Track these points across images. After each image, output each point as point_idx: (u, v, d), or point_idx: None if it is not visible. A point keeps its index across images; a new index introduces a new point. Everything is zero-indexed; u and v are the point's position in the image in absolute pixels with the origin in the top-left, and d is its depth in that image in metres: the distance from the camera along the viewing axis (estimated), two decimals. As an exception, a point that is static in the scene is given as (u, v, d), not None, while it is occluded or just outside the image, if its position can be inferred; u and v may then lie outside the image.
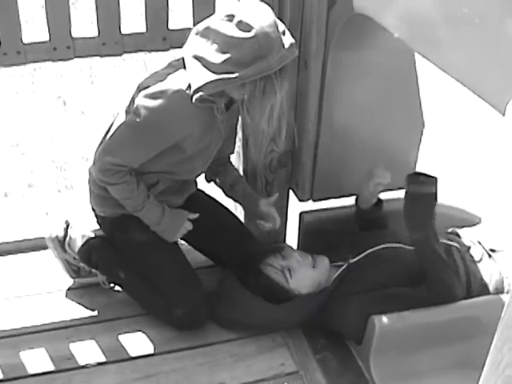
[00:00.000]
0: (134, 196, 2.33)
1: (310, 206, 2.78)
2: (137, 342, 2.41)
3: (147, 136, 2.24)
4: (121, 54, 2.49)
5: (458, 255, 2.49)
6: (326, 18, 2.33)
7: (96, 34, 2.41)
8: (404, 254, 2.45)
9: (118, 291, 2.59)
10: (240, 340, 2.43)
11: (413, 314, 2.31)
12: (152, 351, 2.39)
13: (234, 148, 2.61)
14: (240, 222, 2.69)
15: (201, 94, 2.10)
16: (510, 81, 1.42)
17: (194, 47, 2.14)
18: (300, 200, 2.73)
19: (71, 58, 2.45)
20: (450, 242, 2.53)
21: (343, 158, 2.62)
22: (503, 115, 1.21)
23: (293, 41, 2.10)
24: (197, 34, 2.14)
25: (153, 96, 2.18)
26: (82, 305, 2.55)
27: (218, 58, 2.06)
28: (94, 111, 4.63)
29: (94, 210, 2.53)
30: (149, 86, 2.22)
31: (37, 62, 2.46)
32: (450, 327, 2.33)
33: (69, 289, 2.62)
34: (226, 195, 2.66)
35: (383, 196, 2.69)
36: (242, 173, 2.70)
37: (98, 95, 4.82)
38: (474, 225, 2.77)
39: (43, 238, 2.67)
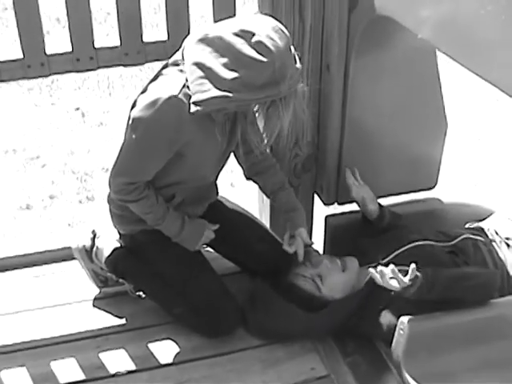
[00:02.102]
0: (155, 210, 2.32)
1: (336, 209, 2.79)
2: (166, 350, 2.41)
3: (148, 149, 2.20)
4: (143, 63, 2.51)
5: (486, 249, 2.49)
6: (348, 20, 2.34)
7: (118, 43, 2.43)
8: (434, 251, 2.44)
9: (146, 299, 2.59)
10: (269, 346, 2.41)
11: (442, 314, 2.30)
12: (182, 359, 2.38)
13: (266, 143, 2.37)
14: (264, 228, 2.68)
15: (199, 108, 2.04)
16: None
17: (197, 54, 2.06)
18: (325, 204, 2.73)
19: (94, 69, 2.46)
20: (475, 237, 2.52)
21: (367, 161, 2.62)
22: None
23: (300, 67, 2.06)
24: (202, 40, 2.06)
25: (145, 107, 2.12)
26: (111, 313, 2.55)
27: (226, 73, 1.99)
28: (112, 122, 4.66)
29: (115, 227, 2.54)
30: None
31: (60, 73, 2.47)
32: (481, 326, 2.31)
33: (96, 298, 2.62)
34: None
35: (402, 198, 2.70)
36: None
37: (116, 106, 4.85)
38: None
39: (67, 248, 2.67)
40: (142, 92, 2.24)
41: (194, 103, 2.05)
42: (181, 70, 2.14)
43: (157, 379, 2.31)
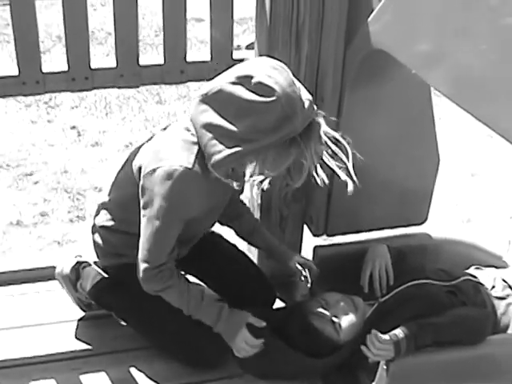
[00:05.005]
0: (183, 301, 2.26)
1: (325, 240, 2.78)
2: (147, 375, 2.38)
3: (168, 224, 2.15)
4: (138, 86, 2.51)
5: (486, 293, 2.47)
6: (344, 54, 2.35)
7: (114, 65, 2.43)
8: (433, 290, 2.42)
9: (129, 323, 2.57)
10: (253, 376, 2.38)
11: (425, 352, 2.28)
12: (163, 384, 2.37)
13: (243, 189, 2.46)
14: (248, 258, 2.64)
15: (220, 172, 2.01)
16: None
17: (203, 116, 2.01)
18: (314, 235, 2.72)
19: (89, 89, 2.46)
20: (476, 280, 2.51)
21: (358, 193, 2.59)
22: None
23: (310, 97, 2.00)
24: (203, 100, 2.02)
25: (161, 181, 2.07)
26: (93, 335, 2.53)
27: (236, 126, 1.94)
28: (108, 142, 4.66)
29: (98, 258, 2.51)
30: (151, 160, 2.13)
31: (55, 91, 2.48)
32: (464, 365, 2.29)
33: (79, 319, 2.60)
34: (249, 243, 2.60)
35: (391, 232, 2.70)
36: (256, 207, 2.68)
37: (112, 127, 4.86)
38: (499, 267, 2.71)
39: (53, 267, 2.64)
40: (149, 140, 2.24)
41: (212, 167, 2.01)
42: (192, 134, 2.09)
43: (136, 404, 2.30)
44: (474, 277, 2.54)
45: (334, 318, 2.35)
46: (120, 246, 2.40)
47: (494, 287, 2.53)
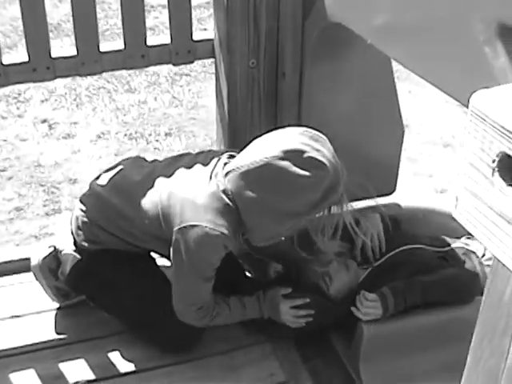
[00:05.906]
0: (230, 318, 2.34)
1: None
2: (126, 359, 2.40)
3: (205, 279, 2.19)
4: (101, 73, 2.51)
5: (477, 260, 2.52)
6: (302, 28, 2.36)
7: (75, 53, 2.43)
8: (424, 255, 2.47)
9: (106, 309, 2.57)
10: (228, 353, 2.41)
11: (401, 317, 2.31)
12: (142, 367, 2.37)
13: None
14: None
15: (262, 244, 2.14)
16: (471, 75, 1.47)
17: (247, 190, 2.02)
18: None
19: (52, 79, 2.46)
20: (468, 247, 2.57)
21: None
22: (467, 107, 1.24)
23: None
24: (246, 173, 2.02)
25: (199, 240, 2.08)
26: (70, 324, 2.54)
27: (284, 201, 1.99)
28: (80, 134, 4.65)
29: (74, 239, 2.48)
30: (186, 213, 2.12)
31: (17, 83, 2.48)
32: (439, 330, 2.33)
33: (56, 308, 2.60)
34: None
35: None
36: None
37: (83, 118, 4.84)
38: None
39: (27, 259, 2.62)
40: (180, 159, 2.30)
41: (255, 240, 2.13)
42: (230, 199, 2.09)
43: (116, 388, 2.31)
44: (466, 244, 2.59)
45: (324, 275, 2.41)
46: (105, 241, 2.38)
47: (484, 255, 2.57)
